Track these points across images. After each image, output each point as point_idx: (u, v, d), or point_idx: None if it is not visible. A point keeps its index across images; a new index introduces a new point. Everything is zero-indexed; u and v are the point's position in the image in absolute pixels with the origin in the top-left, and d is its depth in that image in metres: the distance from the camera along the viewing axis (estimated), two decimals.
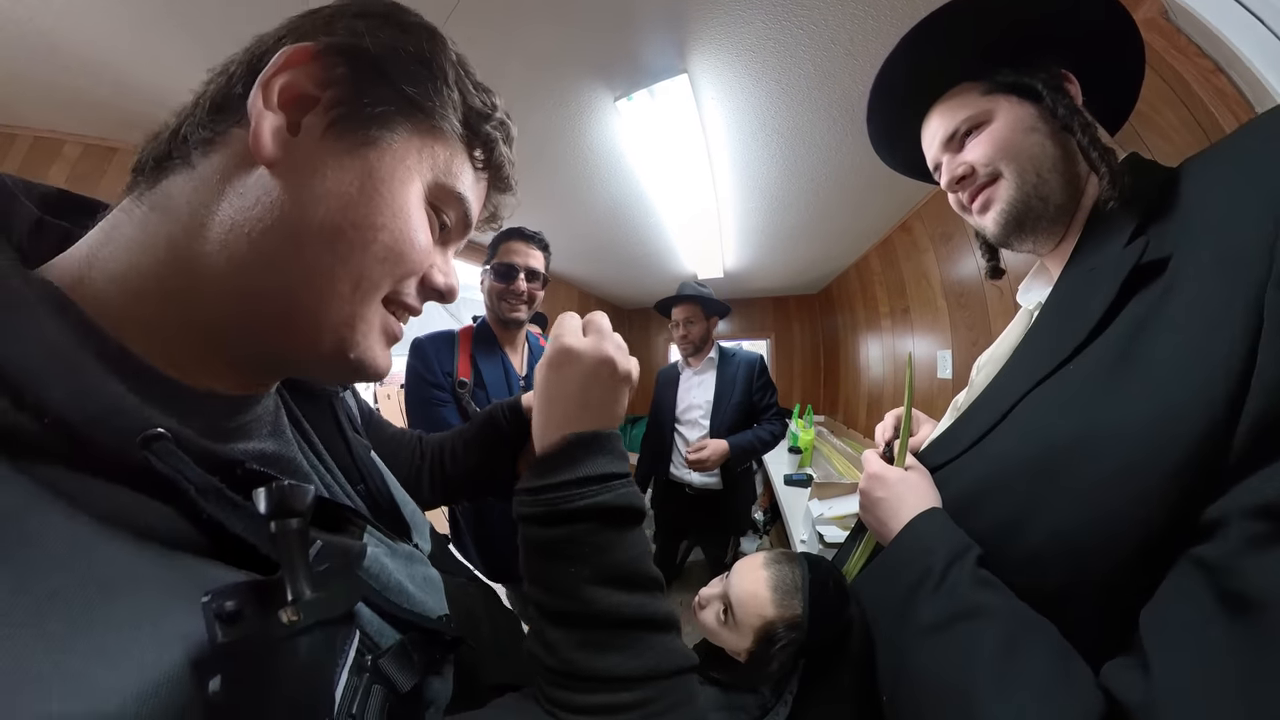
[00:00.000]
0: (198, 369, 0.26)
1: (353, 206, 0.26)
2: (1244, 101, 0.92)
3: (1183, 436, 0.29)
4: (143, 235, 0.25)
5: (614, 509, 0.33)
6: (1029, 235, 0.49)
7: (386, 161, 0.28)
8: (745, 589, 0.65)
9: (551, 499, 0.33)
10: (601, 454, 0.34)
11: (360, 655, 0.26)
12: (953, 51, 0.51)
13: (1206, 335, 0.30)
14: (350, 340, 0.28)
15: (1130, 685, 0.28)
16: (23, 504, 0.17)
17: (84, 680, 0.15)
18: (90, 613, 0.16)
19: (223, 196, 0.25)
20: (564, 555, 0.32)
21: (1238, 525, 0.26)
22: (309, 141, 0.26)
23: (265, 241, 0.25)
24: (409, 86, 0.28)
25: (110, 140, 1.43)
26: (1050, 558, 0.35)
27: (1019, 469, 0.39)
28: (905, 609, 0.40)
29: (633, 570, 0.33)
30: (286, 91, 0.26)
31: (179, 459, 0.21)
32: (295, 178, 0.26)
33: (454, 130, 0.31)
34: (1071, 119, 0.45)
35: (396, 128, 0.28)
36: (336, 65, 0.27)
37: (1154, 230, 0.38)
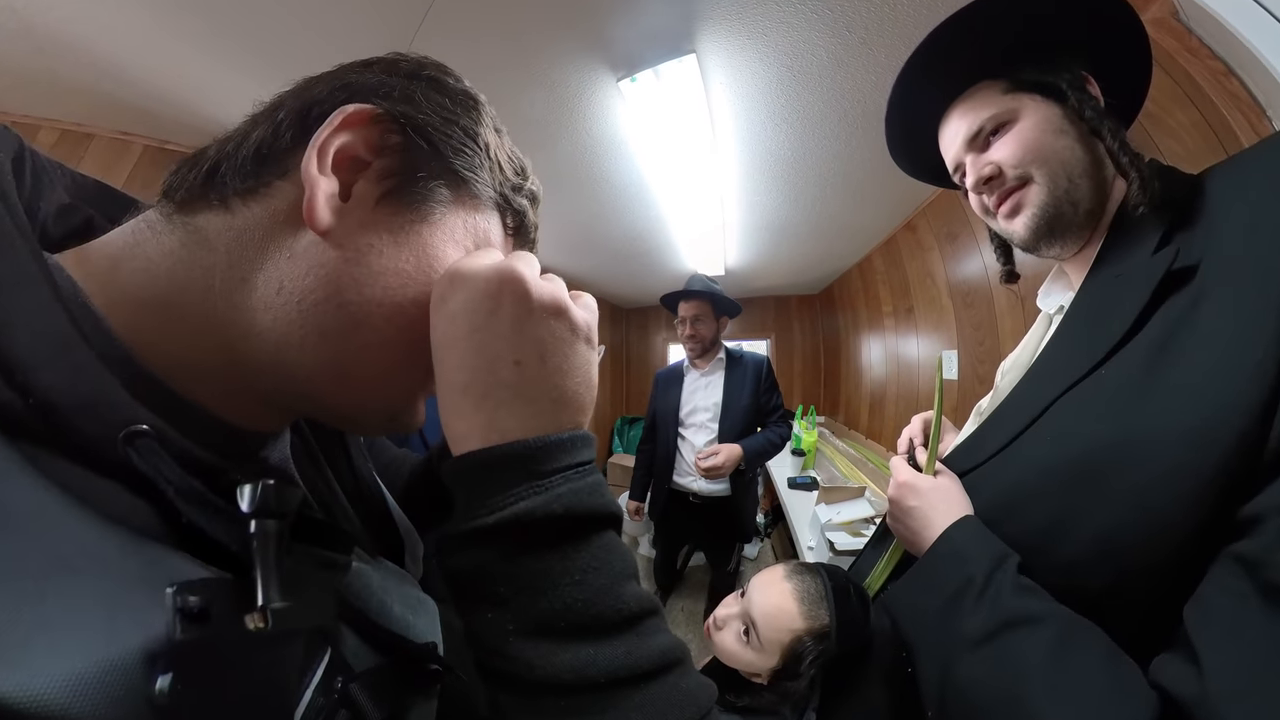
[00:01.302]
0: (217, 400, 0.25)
1: (410, 284, 0.26)
2: (1255, 105, 0.93)
3: (1220, 441, 0.30)
4: (174, 267, 0.24)
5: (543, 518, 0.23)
6: (1057, 240, 0.49)
7: (439, 237, 0.28)
8: (771, 603, 0.63)
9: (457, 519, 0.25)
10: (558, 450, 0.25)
11: (329, 676, 0.24)
12: (974, 47, 0.50)
13: (1239, 343, 0.31)
14: (401, 409, 0.29)
15: (1183, 679, 0.29)
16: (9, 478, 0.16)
17: (21, 653, 0.14)
18: (42, 586, 0.15)
19: (266, 256, 0.24)
20: (474, 595, 0.24)
21: (1274, 521, 0.27)
22: (361, 211, 0.26)
23: (318, 313, 0.24)
24: (456, 160, 0.28)
25: (87, 126, 1.38)
26: (1092, 561, 0.35)
27: (1056, 474, 0.39)
28: (948, 620, 0.40)
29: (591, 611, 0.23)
30: (340, 154, 0.25)
31: (160, 458, 0.20)
32: (349, 251, 0.25)
33: (492, 200, 0.31)
34: (1101, 122, 0.45)
35: (444, 200, 0.28)
36: (392, 133, 0.26)
37: (1180, 238, 0.38)
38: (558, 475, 0.24)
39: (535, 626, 0.22)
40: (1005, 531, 0.42)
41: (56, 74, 1.16)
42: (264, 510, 0.21)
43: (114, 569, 0.18)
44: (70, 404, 0.19)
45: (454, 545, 0.24)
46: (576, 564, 0.23)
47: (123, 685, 0.16)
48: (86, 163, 1.40)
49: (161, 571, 0.19)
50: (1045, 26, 0.49)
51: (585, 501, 0.24)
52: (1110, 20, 0.48)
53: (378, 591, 0.32)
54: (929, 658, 0.41)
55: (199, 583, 0.18)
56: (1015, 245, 0.53)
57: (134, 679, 0.16)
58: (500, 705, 0.23)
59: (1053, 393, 0.42)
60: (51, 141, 1.35)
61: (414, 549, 0.43)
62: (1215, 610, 0.29)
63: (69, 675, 0.15)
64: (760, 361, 1.87)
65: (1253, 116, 0.94)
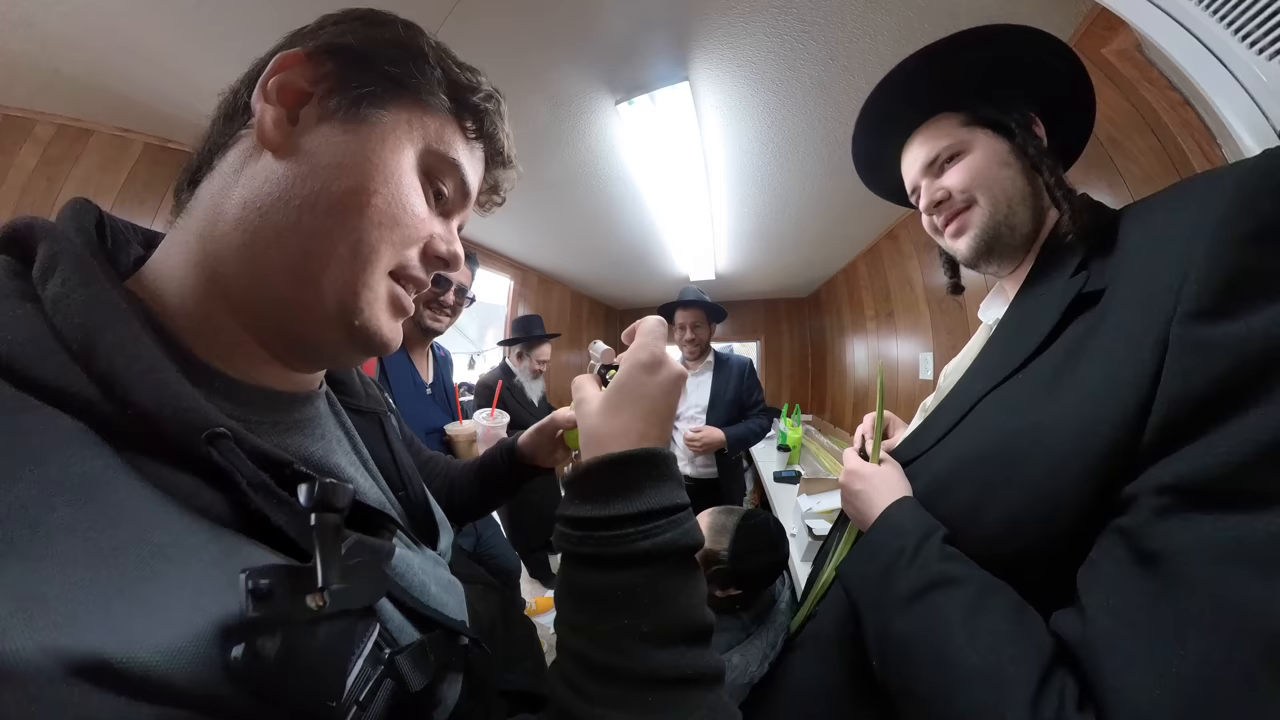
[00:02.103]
0: (244, 361, 0.30)
1: (346, 175, 0.29)
2: (1208, 134, 1.00)
3: (1103, 436, 0.35)
4: (181, 237, 0.29)
5: (680, 549, 0.29)
6: (995, 259, 0.55)
7: (376, 134, 0.30)
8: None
9: (607, 538, 0.28)
10: (666, 479, 0.30)
11: (377, 648, 0.26)
12: (940, 82, 0.56)
13: (1126, 356, 0.36)
14: (354, 307, 0.30)
15: (1071, 625, 0.35)
16: (105, 471, 0.19)
17: (126, 624, 0.16)
18: (142, 569, 0.18)
19: (237, 184, 0.29)
20: (618, 606, 0.27)
21: (1145, 500, 0.33)
22: (307, 128, 0.29)
23: (274, 214, 0.28)
24: (391, 68, 0.31)
25: (86, 121, 1.33)
26: (1004, 533, 0.41)
27: (975, 461, 0.45)
28: (884, 584, 0.45)
29: (692, 620, 0.28)
30: (283, 90, 0.29)
31: (235, 455, 0.23)
32: (297, 158, 0.29)
33: (441, 104, 0.33)
34: (1041, 160, 0.51)
35: (386, 105, 0.30)
36: (324, 63, 0.30)
37: (1095, 265, 0.44)
38: (683, 512, 0.30)
39: (659, 632, 0.27)
40: (938, 510, 0.47)
41: (57, 68, 1.14)
42: (321, 505, 0.24)
43: (198, 555, 0.20)
44: (159, 412, 0.22)
45: (610, 562, 0.28)
46: (691, 583, 0.29)
47: (205, 654, 0.18)
48: (85, 160, 1.33)
49: (236, 558, 0.21)
50: (1004, 69, 0.54)
51: (698, 536, 0.30)
52: (1062, 71, 0.55)
53: (418, 574, 0.36)
54: (871, 616, 0.47)
55: (268, 568, 0.20)
56: (959, 261, 0.59)
57: (213, 649, 0.18)
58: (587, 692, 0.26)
59: (979, 392, 0.48)
60: (49, 136, 1.28)
61: (447, 536, 0.47)
62: (1099, 571, 0.34)
63: (163, 644, 0.17)
64: (744, 363, 2.06)
65: (1205, 144, 1.01)
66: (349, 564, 0.25)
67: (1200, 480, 0.30)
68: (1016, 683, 0.34)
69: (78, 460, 0.19)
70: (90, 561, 0.17)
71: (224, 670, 0.18)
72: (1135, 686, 0.30)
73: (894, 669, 0.44)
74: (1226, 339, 0.31)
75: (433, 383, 1.25)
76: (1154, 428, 0.33)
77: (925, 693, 0.40)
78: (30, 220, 0.26)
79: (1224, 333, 0.31)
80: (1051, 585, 0.37)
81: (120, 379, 0.22)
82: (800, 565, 1.29)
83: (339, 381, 0.46)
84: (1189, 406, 0.32)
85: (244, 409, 0.29)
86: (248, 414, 0.29)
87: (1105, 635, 0.32)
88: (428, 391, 1.22)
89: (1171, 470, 0.32)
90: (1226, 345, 0.31)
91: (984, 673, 0.36)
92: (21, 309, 0.22)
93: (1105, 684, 0.31)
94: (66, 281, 0.23)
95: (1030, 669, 0.34)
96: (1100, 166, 1.17)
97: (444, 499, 0.61)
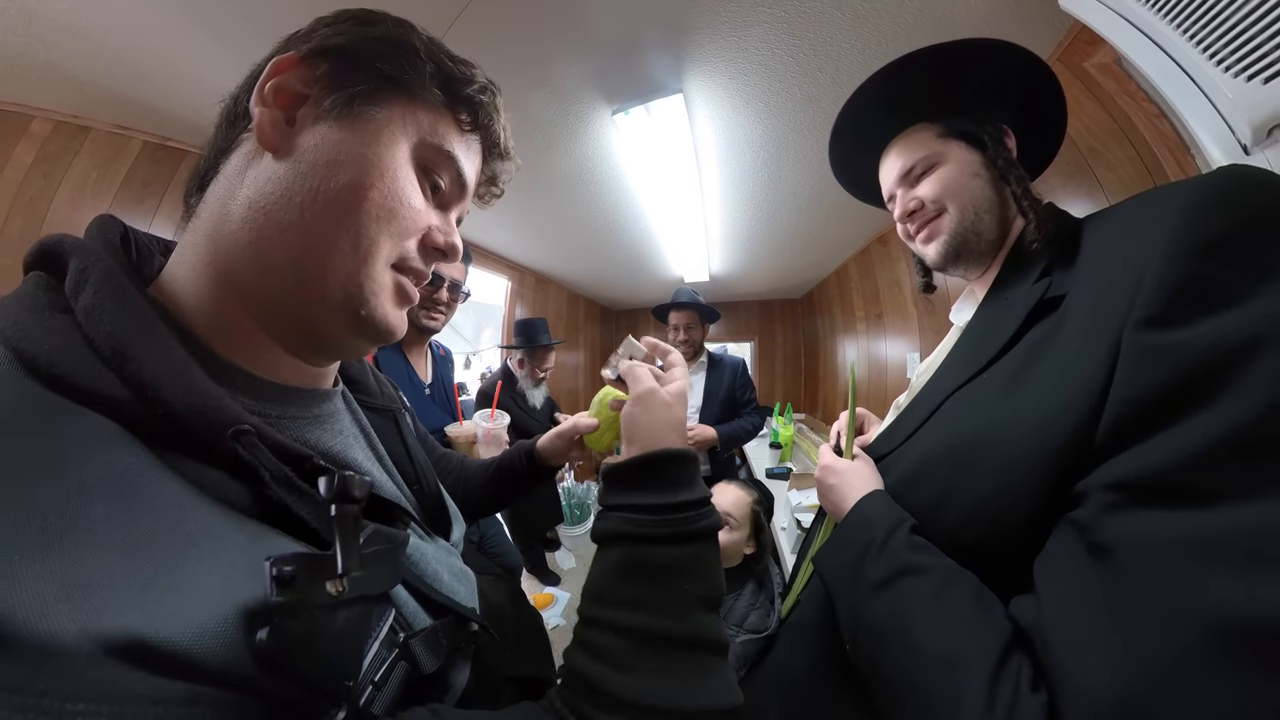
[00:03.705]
0: (263, 357, 0.31)
1: (343, 171, 0.30)
2: (1183, 145, 1.03)
3: (1057, 435, 0.37)
4: (193, 240, 0.30)
5: (717, 529, 0.36)
6: (963, 264, 0.58)
7: (371, 130, 0.31)
8: (731, 495, 1.14)
9: (682, 519, 0.34)
10: (699, 475, 0.38)
11: (393, 632, 0.28)
12: (916, 93, 0.58)
13: (1081, 359, 0.38)
14: (359, 297, 0.31)
15: (1027, 611, 0.37)
16: (139, 467, 0.21)
17: (160, 607, 0.17)
18: (174, 557, 0.19)
19: (242, 185, 0.30)
20: (685, 574, 0.33)
21: (1096, 496, 0.34)
22: (304, 129, 0.30)
23: (277, 212, 0.29)
24: (383, 65, 0.32)
25: (84, 118, 1.31)
26: (967, 525, 0.43)
27: (940, 457, 0.48)
28: (855, 572, 0.47)
29: (719, 589, 0.35)
30: (280, 92, 0.30)
31: (260, 450, 0.24)
32: (296, 158, 0.30)
33: (435, 98, 0.34)
34: (1009, 171, 0.54)
35: (380, 102, 0.31)
36: (318, 64, 0.31)
37: (1056, 273, 0.46)
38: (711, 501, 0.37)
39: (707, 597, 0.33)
40: (907, 502, 0.49)
41: (55, 63, 1.12)
42: (340, 496, 0.25)
43: (226, 543, 0.21)
44: (187, 411, 0.23)
45: (683, 539, 0.34)
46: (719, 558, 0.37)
47: (231, 635, 0.19)
48: (82, 157, 1.30)
49: (261, 546, 0.23)
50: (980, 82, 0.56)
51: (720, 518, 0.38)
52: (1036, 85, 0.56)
53: (432, 562, 0.37)
54: (843, 603, 0.49)
55: (290, 555, 0.21)
56: (930, 265, 0.62)
57: (240, 631, 0.19)
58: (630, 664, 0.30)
59: (946, 391, 0.50)
60: (46, 132, 1.26)
61: (459, 527, 0.49)
62: (1053, 562, 0.36)
63: (193, 625, 0.18)
64: (737, 363, 2.07)
65: (1179, 155, 1.04)
66: (366, 552, 0.26)
67: (1147, 478, 0.32)
68: (975, 663, 0.36)
69: (114, 457, 0.20)
70: (127, 550, 0.18)
71: (249, 651, 0.19)
72: (1085, 669, 0.32)
73: (865, 652, 0.46)
74: (1174, 345, 0.32)
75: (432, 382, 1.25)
76: (1105, 428, 0.35)
77: (893, 674, 0.42)
78: (60, 238, 0.27)
79: (1172, 339, 0.33)
80: (1011, 573, 0.39)
81: (150, 382, 0.23)
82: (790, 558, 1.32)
83: (355, 381, 0.47)
84: (1138, 408, 0.33)
85: (266, 404, 0.30)
86: (269, 409, 0.30)
87: (1058, 621, 0.34)
88: (426, 391, 1.22)
89: (1121, 468, 0.33)
90: (1174, 351, 0.32)
91: (945, 654, 0.38)
92: (56, 320, 0.24)
93: (1057, 666, 0.33)
94: (97, 293, 0.24)
95: (988, 651, 0.36)
96: (1080, 175, 1.20)
97: (458, 496, 0.62)
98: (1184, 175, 1.05)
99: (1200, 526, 0.30)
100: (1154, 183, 1.11)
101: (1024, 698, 0.33)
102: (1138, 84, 1.11)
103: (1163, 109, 1.08)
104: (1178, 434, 0.31)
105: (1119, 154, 1.15)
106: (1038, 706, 0.33)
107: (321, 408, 0.35)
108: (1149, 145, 1.10)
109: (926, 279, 0.75)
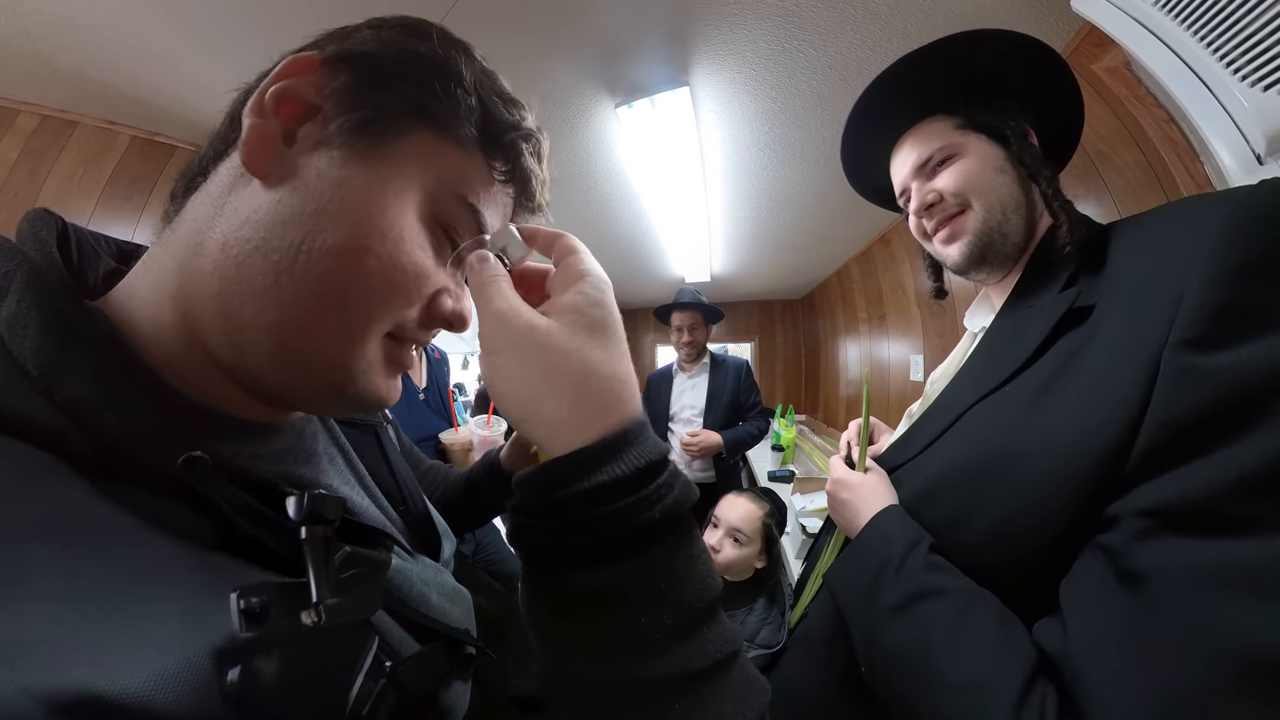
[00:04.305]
0: (224, 397, 0.26)
1: (334, 225, 0.24)
2: (1191, 150, 1.03)
3: (1090, 454, 0.36)
4: (160, 260, 0.25)
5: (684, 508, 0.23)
6: (986, 267, 0.54)
7: (379, 174, 0.25)
8: (741, 510, 1.08)
9: (600, 519, 0.22)
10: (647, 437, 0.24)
11: (378, 662, 0.25)
12: (934, 83, 0.55)
13: (1114, 377, 0.36)
14: (344, 379, 0.26)
15: (1054, 638, 0.36)
16: (81, 505, 0.19)
17: (113, 657, 0.16)
18: (128, 600, 0.17)
19: (221, 213, 0.24)
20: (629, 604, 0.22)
21: (1128, 521, 0.34)
22: (302, 154, 0.24)
23: (250, 267, 0.23)
24: (414, 90, 0.26)
25: (71, 113, 1.28)
26: (989, 544, 0.42)
27: (963, 472, 0.46)
28: (871, 593, 0.46)
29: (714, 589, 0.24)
30: (287, 100, 0.24)
31: (216, 480, 0.22)
32: (282, 194, 0.24)
33: (469, 137, 0.28)
34: (1038, 169, 0.50)
35: (399, 137, 0.26)
36: (338, 73, 0.25)
37: (1084, 281, 0.44)
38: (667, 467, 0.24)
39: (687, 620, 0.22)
40: (924, 518, 0.48)
41: (41, 55, 1.10)
42: (311, 517, 0.22)
43: (186, 580, 0.20)
44: (129, 441, 0.21)
45: (608, 553, 0.22)
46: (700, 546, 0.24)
47: (199, 679, 0.17)
48: (69, 152, 1.28)
49: (226, 577, 0.20)
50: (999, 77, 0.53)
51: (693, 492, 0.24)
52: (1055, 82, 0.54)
53: (417, 584, 0.34)
54: (858, 624, 0.47)
55: (259, 585, 0.19)
56: (948, 268, 0.58)
57: (208, 673, 0.17)
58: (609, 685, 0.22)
59: (967, 402, 0.48)
60: (32, 127, 1.24)
61: (450, 546, 0.46)
62: (1081, 587, 0.36)
63: (153, 673, 0.16)
64: (741, 364, 2.05)
65: (1188, 160, 1.03)
66: (343, 577, 0.24)
67: (1183, 506, 0.31)
68: (999, 693, 0.35)
69: (51, 495, 0.18)
70: (73, 598, 0.16)
71: (220, 695, 0.17)
72: (1113, 702, 0.31)
73: (881, 677, 0.45)
74: (1217, 368, 0.31)
75: (426, 387, 1.22)
76: (1140, 451, 0.34)
77: (912, 700, 0.41)
78: None
79: (1215, 362, 0.32)
80: (1034, 595, 0.38)
81: (86, 407, 0.20)
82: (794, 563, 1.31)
83: None
84: (1176, 432, 0.33)
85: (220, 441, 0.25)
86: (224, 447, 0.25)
87: (1086, 650, 0.34)
88: (420, 397, 1.19)
89: (1156, 494, 0.33)
90: (1216, 375, 0.31)
91: (968, 683, 0.37)
92: None
93: (1086, 698, 0.32)
94: (21, 302, 0.21)
95: (1013, 680, 0.35)
96: (1088, 178, 1.19)
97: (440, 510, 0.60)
98: (1193, 181, 1.04)
99: (1236, 557, 0.29)
100: (1162, 187, 1.10)
101: None
102: (1147, 88, 1.10)
103: (1172, 114, 1.07)
104: (1216, 461, 0.31)
105: (1127, 158, 1.14)
106: None
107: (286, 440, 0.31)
108: (1157, 150, 1.09)
109: (939, 284, 0.72)
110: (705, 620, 0.23)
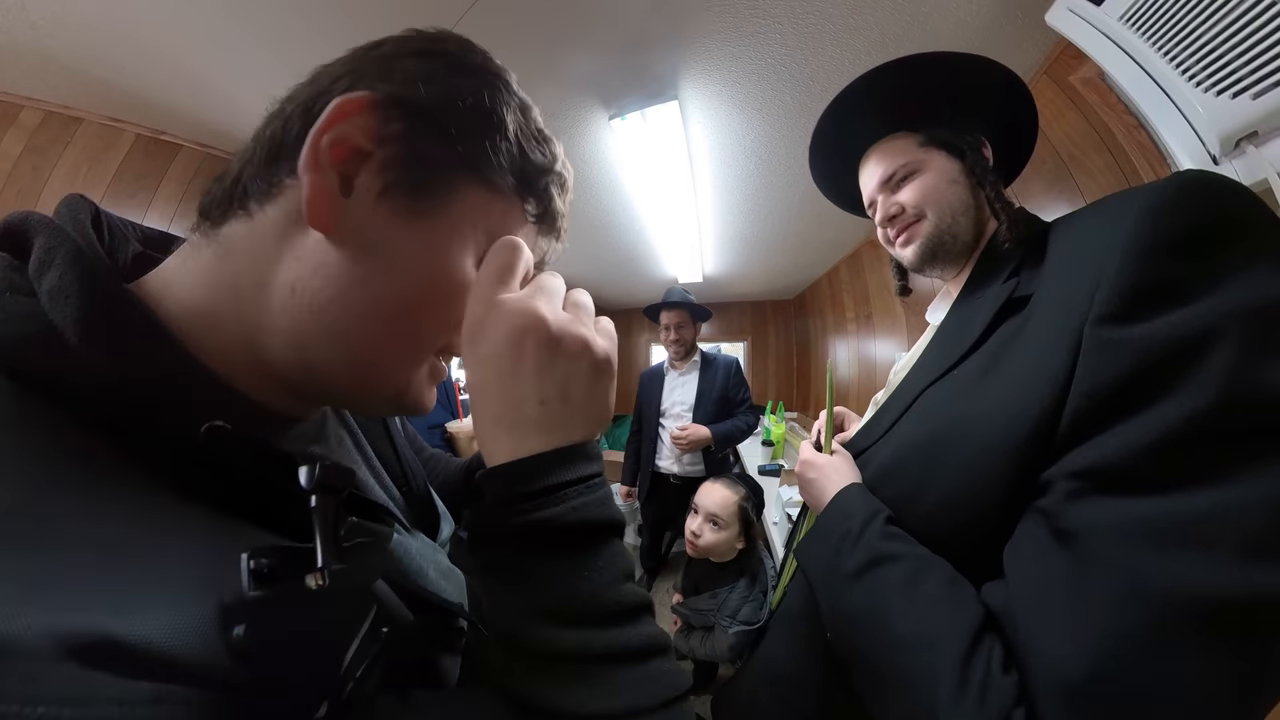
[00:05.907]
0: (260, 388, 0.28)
1: (415, 285, 0.27)
2: (1158, 154, 1.07)
3: (1025, 425, 0.38)
4: (211, 277, 0.26)
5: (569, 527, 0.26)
6: (938, 265, 0.60)
7: (443, 231, 0.27)
8: (718, 496, 1.14)
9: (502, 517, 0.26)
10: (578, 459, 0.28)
11: (375, 628, 0.26)
12: (895, 104, 0.59)
13: (1045, 355, 0.39)
14: (405, 392, 0.30)
15: (997, 596, 0.38)
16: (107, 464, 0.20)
17: (129, 605, 0.16)
18: (146, 553, 0.18)
19: (280, 258, 0.26)
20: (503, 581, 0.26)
21: (1060, 484, 0.36)
22: (363, 206, 0.26)
23: (328, 314, 0.26)
24: (465, 145, 0.27)
25: (75, 109, 1.28)
26: (939, 514, 0.44)
27: (915, 450, 0.49)
28: (833, 563, 0.48)
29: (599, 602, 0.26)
30: (338, 146, 0.25)
31: (237, 448, 0.23)
32: (352, 249, 0.25)
33: (507, 185, 0.30)
34: (985, 178, 0.56)
35: (452, 191, 0.28)
36: (392, 119, 0.26)
37: (1025, 273, 0.48)
38: (573, 487, 0.27)
39: (550, 611, 0.25)
40: (884, 494, 0.51)
41: (47, 51, 1.10)
42: (321, 486, 0.24)
43: (200, 538, 0.21)
44: (158, 407, 0.22)
45: (488, 541, 0.27)
46: (586, 564, 0.26)
47: (208, 632, 0.18)
48: (73, 149, 1.27)
49: (239, 540, 0.21)
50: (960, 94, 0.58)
51: (595, 513, 0.27)
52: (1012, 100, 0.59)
53: (416, 558, 0.36)
54: (823, 592, 0.50)
55: (269, 548, 0.20)
56: (907, 267, 0.64)
57: (216, 627, 0.18)
58: (513, 668, 0.25)
59: (920, 386, 0.52)
60: (35, 123, 1.24)
61: (448, 527, 0.48)
62: (1021, 548, 0.38)
63: (166, 621, 0.17)
64: (730, 362, 2.09)
65: (1156, 164, 1.07)
66: (348, 545, 0.25)
67: (1106, 467, 0.34)
68: (948, 646, 0.37)
69: (84, 454, 0.19)
70: (95, 548, 0.17)
71: (226, 648, 0.18)
72: (1051, 649, 0.33)
73: (844, 640, 0.47)
74: (1131, 339, 0.34)
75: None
76: (1068, 420, 0.36)
77: (870, 658, 0.43)
78: (26, 215, 0.25)
79: (1129, 334, 0.34)
80: (985, 559, 0.40)
81: (121, 373, 0.22)
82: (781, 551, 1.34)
83: None
84: (1097, 400, 0.35)
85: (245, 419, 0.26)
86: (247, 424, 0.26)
87: (1025, 604, 0.36)
88: None
89: (1082, 458, 0.35)
90: (1130, 346, 0.34)
91: (919, 638, 0.39)
92: (16, 303, 0.22)
93: (1025, 647, 0.35)
94: (64, 275, 0.22)
95: (961, 634, 0.37)
96: (1061, 182, 1.24)
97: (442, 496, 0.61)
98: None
99: (1160, 511, 0.32)
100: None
101: (995, 678, 0.35)
102: (1118, 96, 1.14)
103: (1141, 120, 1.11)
104: (1134, 425, 0.33)
105: (1098, 162, 1.19)
106: (1009, 686, 0.34)
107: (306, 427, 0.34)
108: (1127, 154, 1.13)
109: (903, 282, 0.78)
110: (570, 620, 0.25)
